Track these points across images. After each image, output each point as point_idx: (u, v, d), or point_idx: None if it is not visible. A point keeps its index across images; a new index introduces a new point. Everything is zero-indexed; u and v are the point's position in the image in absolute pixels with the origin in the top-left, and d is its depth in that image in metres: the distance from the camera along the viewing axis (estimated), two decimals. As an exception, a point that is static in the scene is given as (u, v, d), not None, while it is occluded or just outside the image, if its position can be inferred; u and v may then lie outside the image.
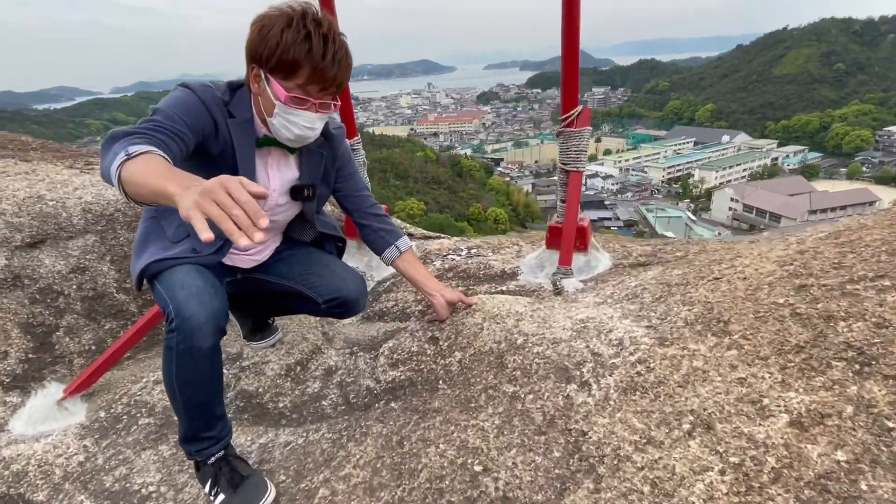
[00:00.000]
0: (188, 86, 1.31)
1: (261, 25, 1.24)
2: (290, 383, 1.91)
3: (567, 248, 2.03)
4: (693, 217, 63.29)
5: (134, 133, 1.10)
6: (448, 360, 1.72)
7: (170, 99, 1.27)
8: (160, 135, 1.14)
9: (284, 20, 1.22)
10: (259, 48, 1.25)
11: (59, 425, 1.84)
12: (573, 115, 2.00)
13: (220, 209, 0.79)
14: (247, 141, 1.39)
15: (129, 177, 0.97)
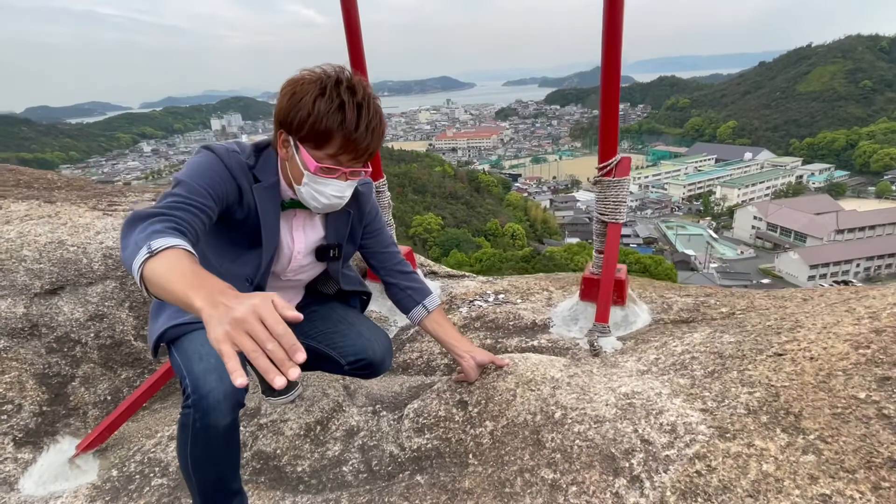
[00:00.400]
0: (213, 150, 1.25)
1: (292, 92, 1.18)
2: (309, 445, 1.81)
3: (604, 305, 1.90)
4: (714, 235, 62.17)
5: (156, 216, 1.04)
6: (479, 431, 1.60)
7: (193, 166, 1.21)
8: (183, 213, 1.08)
9: (317, 88, 1.16)
10: (290, 116, 1.18)
11: (70, 485, 1.76)
12: (612, 164, 1.89)
13: (253, 343, 0.72)
14: (272, 205, 1.33)
15: (151, 276, 0.91)
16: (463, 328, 2.26)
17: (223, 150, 1.25)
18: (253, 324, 0.74)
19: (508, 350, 2.03)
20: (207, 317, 0.78)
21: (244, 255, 1.37)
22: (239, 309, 0.76)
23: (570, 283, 2.62)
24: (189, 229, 1.07)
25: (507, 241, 52.33)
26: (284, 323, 0.75)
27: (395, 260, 1.66)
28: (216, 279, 0.87)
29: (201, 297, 0.81)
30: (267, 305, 0.76)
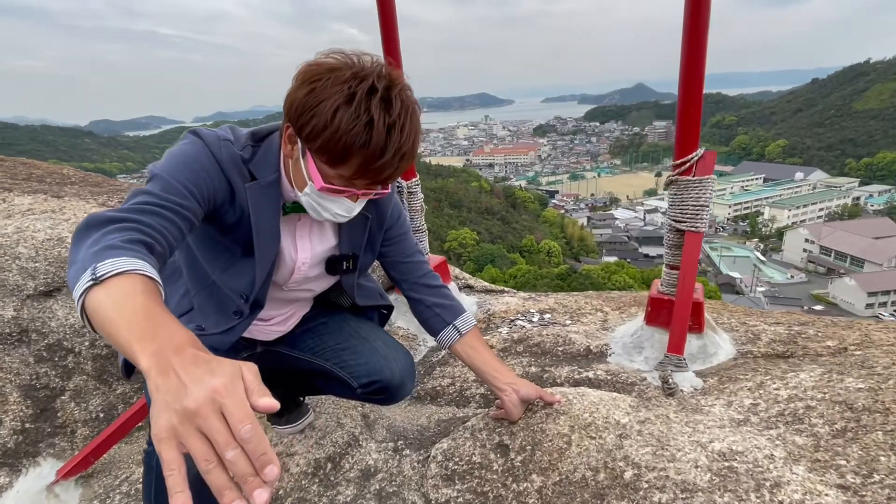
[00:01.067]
0: (200, 136, 1.00)
1: (311, 87, 0.91)
2: (317, 486, 1.52)
3: (680, 332, 1.55)
4: (762, 257, 59.32)
5: (115, 221, 0.79)
6: (523, 486, 1.27)
7: (175, 156, 0.95)
8: (153, 217, 0.84)
9: (343, 94, 0.88)
10: (302, 117, 0.92)
11: (46, 517, 1.53)
12: (692, 159, 1.54)
13: (207, 448, 0.52)
14: (270, 209, 1.06)
15: (93, 312, 0.67)
16: (502, 352, 1.94)
17: (213, 137, 1.00)
18: (210, 420, 0.52)
19: (558, 382, 1.70)
20: (153, 387, 0.56)
21: (237, 264, 1.11)
22: (194, 394, 0.54)
23: (628, 304, 2.26)
24: (158, 239, 0.82)
25: (543, 258, 51.46)
26: (254, 417, 0.53)
27: (420, 272, 1.36)
28: (174, 326, 0.65)
29: (149, 354, 0.59)
30: (233, 391, 0.54)
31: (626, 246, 62.64)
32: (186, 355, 0.59)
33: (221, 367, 0.57)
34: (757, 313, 2.12)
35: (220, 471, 0.51)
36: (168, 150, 0.99)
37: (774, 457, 1.07)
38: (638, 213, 79.86)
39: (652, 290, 1.78)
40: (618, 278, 36.76)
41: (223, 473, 0.51)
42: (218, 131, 1.03)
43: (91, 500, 1.59)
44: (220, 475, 0.51)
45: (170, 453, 0.52)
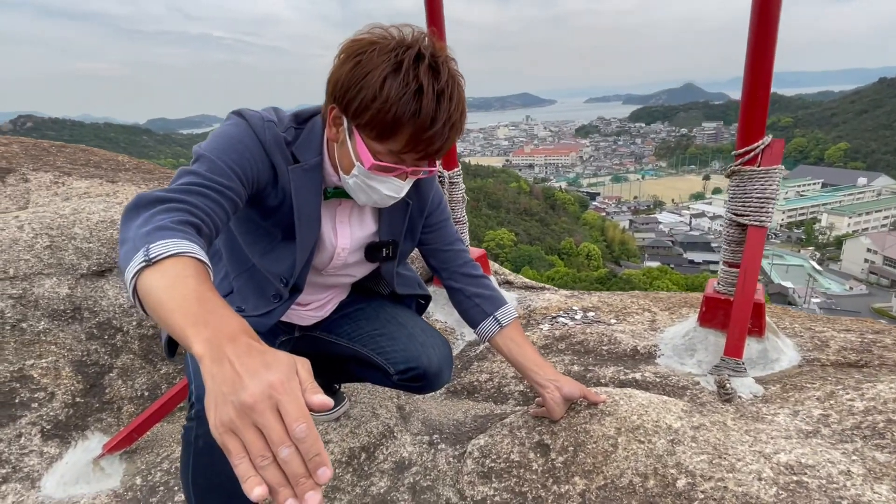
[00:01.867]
0: (244, 116, 0.98)
1: (356, 61, 0.88)
2: (351, 476, 1.50)
3: (739, 335, 1.43)
4: (818, 267, 56.08)
5: (164, 202, 0.79)
6: (564, 489, 1.20)
7: (220, 137, 0.94)
8: (200, 199, 0.83)
9: (391, 63, 0.86)
10: (349, 93, 0.89)
11: (90, 489, 1.57)
12: (758, 147, 1.43)
13: (262, 444, 0.51)
14: (312, 193, 1.05)
15: (146, 295, 0.67)
16: (543, 349, 1.86)
17: (257, 118, 0.98)
18: (266, 416, 0.52)
19: (602, 382, 1.61)
20: (207, 374, 0.56)
21: (277, 248, 1.10)
22: (250, 388, 0.53)
23: (678, 305, 2.13)
24: (206, 221, 0.82)
25: (582, 261, 50.48)
26: (309, 416, 0.53)
27: (460, 260, 1.31)
28: (227, 311, 0.64)
29: (203, 341, 0.59)
30: (290, 388, 0.53)
31: (670, 251, 60.62)
32: (240, 344, 0.58)
33: (277, 361, 0.56)
34: (823, 319, 1.96)
35: (276, 468, 0.51)
36: (213, 131, 0.98)
37: (852, 473, 0.96)
38: (683, 218, 77.17)
39: (707, 289, 1.67)
40: (660, 284, 35.60)
41: (278, 470, 0.51)
42: (262, 112, 1.01)
43: (134, 476, 1.62)
44: (275, 472, 0.51)
45: (233, 443, 0.52)
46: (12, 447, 1.63)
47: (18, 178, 2.05)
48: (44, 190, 2.00)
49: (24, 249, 1.79)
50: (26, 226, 1.83)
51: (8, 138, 2.49)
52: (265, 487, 0.50)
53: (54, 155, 2.45)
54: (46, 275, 1.77)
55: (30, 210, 1.95)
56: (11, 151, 2.31)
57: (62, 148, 2.62)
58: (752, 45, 1.35)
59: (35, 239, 1.82)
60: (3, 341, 1.70)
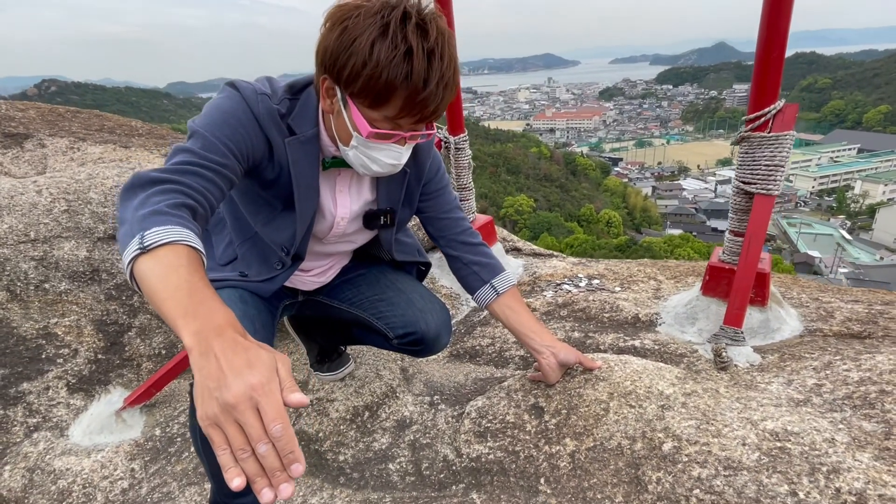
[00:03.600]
0: (238, 88, 0.97)
1: (342, 27, 0.86)
2: (354, 432, 1.57)
3: (740, 304, 1.43)
4: (848, 236, 54.35)
5: (160, 182, 0.80)
6: (555, 449, 1.24)
7: (213, 111, 0.94)
8: (195, 178, 0.84)
9: (377, 26, 0.84)
10: (338, 61, 0.87)
11: (113, 439, 1.69)
12: (769, 112, 1.38)
13: (243, 438, 0.58)
14: (309, 164, 1.05)
15: (142, 281, 0.71)
16: (545, 316, 1.89)
17: (250, 91, 0.97)
18: (246, 414, 0.58)
19: (601, 349, 1.63)
20: (195, 365, 0.62)
21: (278, 218, 1.12)
22: (233, 388, 0.59)
23: (685, 273, 2.12)
24: (200, 201, 0.84)
25: (602, 228, 49.86)
26: (285, 416, 0.59)
27: (458, 228, 1.32)
28: (215, 304, 0.69)
29: (191, 333, 0.64)
30: (269, 390, 0.59)
31: (693, 218, 59.34)
32: (227, 339, 0.63)
33: (259, 361, 0.61)
34: (833, 289, 1.93)
35: (254, 460, 0.57)
36: (207, 104, 0.97)
37: (836, 441, 0.97)
38: (709, 184, 75.09)
39: (712, 258, 1.65)
40: (681, 252, 35.05)
41: (255, 463, 0.57)
42: (255, 84, 0.99)
43: (153, 427, 1.73)
44: (253, 464, 0.57)
45: (217, 435, 0.58)
46: (41, 399, 1.74)
47: (36, 144, 2.11)
48: (60, 155, 2.06)
49: (43, 213, 1.86)
50: (45, 190, 1.90)
51: (25, 104, 2.55)
52: (244, 479, 0.56)
53: (69, 120, 2.51)
54: (65, 238, 1.85)
55: (47, 175, 2.02)
56: (29, 117, 2.37)
57: (77, 113, 2.67)
58: (765, 14, 1.28)
59: (53, 203, 1.88)
60: (28, 300, 1.80)
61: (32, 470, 1.58)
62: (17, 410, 1.71)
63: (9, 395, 1.72)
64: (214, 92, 1.06)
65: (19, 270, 1.78)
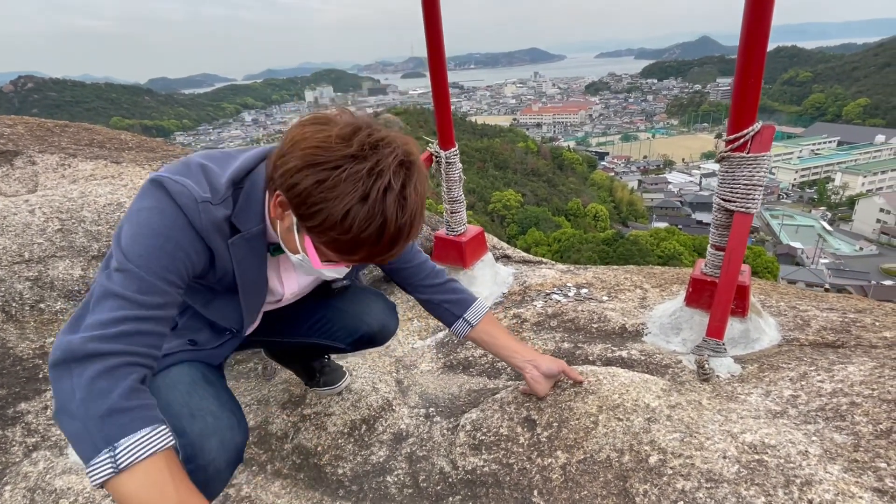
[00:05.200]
0: (173, 196, 0.84)
1: (319, 178, 0.78)
2: (352, 446, 1.61)
3: (721, 317, 1.49)
4: (829, 227, 55.44)
5: (102, 358, 0.75)
6: (547, 462, 1.30)
7: (145, 233, 0.82)
8: (138, 340, 0.78)
9: (358, 193, 0.78)
10: (305, 206, 0.81)
11: (113, 457, 1.70)
12: (747, 134, 1.44)
13: None
14: (255, 260, 1.00)
15: (123, 499, 0.71)
16: (536, 326, 1.94)
17: (189, 201, 0.85)
18: None
19: (590, 359, 1.69)
20: None
21: (219, 300, 1.06)
22: None
23: (669, 281, 2.19)
24: (149, 363, 0.80)
25: (589, 222, 50.25)
26: None
27: (422, 274, 1.33)
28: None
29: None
30: None
31: (679, 211, 60.06)
32: None
33: None
34: (811, 296, 2.01)
35: None
36: (133, 213, 0.84)
37: (809, 453, 1.04)
38: (693, 177, 75.96)
39: (695, 271, 1.72)
40: (667, 245, 35.47)
41: None
42: (192, 187, 0.86)
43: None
44: None
45: None
46: (39, 418, 1.75)
47: (26, 161, 2.11)
48: (51, 172, 2.06)
49: (36, 233, 1.86)
50: (37, 210, 1.90)
51: (13, 119, 2.53)
52: None
53: (58, 135, 2.49)
54: (59, 257, 1.85)
55: (39, 193, 2.02)
56: (17, 133, 2.36)
57: (65, 127, 2.65)
58: (744, 36, 1.34)
59: (46, 223, 1.89)
60: (24, 321, 1.80)
61: (34, 490, 1.60)
62: (15, 430, 1.72)
63: (7, 416, 1.73)
64: (198, 87, 0.97)
65: (14, 291, 1.79)
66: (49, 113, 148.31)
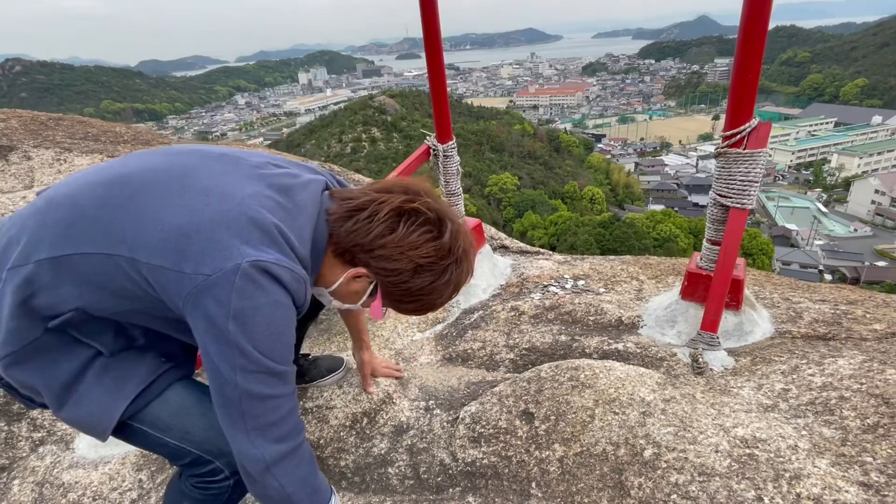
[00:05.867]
0: (285, 286, 0.87)
1: (430, 281, 0.98)
2: (354, 438, 1.64)
3: (715, 311, 1.52)
4: (824, 209, 55.69)
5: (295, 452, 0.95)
6: (545, 454, 1.33)
7: (279, 336, 0.88)
8: (299, 418, 0.98)
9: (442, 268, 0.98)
10: (406, 296, 1.00)
11: (119, 451, 1.73)
12: (744, 130, 1.45)
13: None
14: None
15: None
16: (534, 319, 1.97)
17: (295, 284, 0.89)
18: None
19: (587, 352, 1.72)
20: None
21: None
22: None
23: (665, 272, 2.21)
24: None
25: (586, 205, 50.24)
26: None
27: None
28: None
29: None
30: None
31: (675, 194, 60.10)
32: None
33: None
34: (804, 287, 2.04)
35: None
36: (259, 311, 0.84)
37: (798, 448, 1.07)
38: (690, 160, 75.87)
39: (690, 264, 1.74)
40: (663, 228, 35.57)
41: None
42: (296, 269, 0.89)
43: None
44: None
45: None
46: (45, 414, 1.78)
47: (21, 156, 2.09)
48: (47, 167, 2.04)
49: (34, 230, 1.86)
50: (34, 206, 1.89)
51: (6, 112, 2.49)
52: None
53: (52, 129, 2.46)
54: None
55: (35, 189, 2.00)
56: (11, 127, 2.33)
57: (59, 121, 2.62)
58: (742, 34, 1.34)
59: (44, 219, 1.88)
60: (25, 318, 1.81)
61: (41, 484, 1.63)
62: (21, 426, 1.75)
63: (12, 412, 1.75)
64: (189, 70, 0.95)
65: (14, 288, 1.79)
66: (38, 97, 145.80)
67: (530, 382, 1.52)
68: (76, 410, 0.97)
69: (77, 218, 0.87)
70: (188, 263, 0.81)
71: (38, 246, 0.87)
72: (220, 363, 0.83)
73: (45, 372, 0.94)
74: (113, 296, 0.89)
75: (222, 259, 0.81)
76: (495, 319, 2.02)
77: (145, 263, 0.83)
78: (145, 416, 1.02)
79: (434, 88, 1.98)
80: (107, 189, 0.88)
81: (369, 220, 0.92)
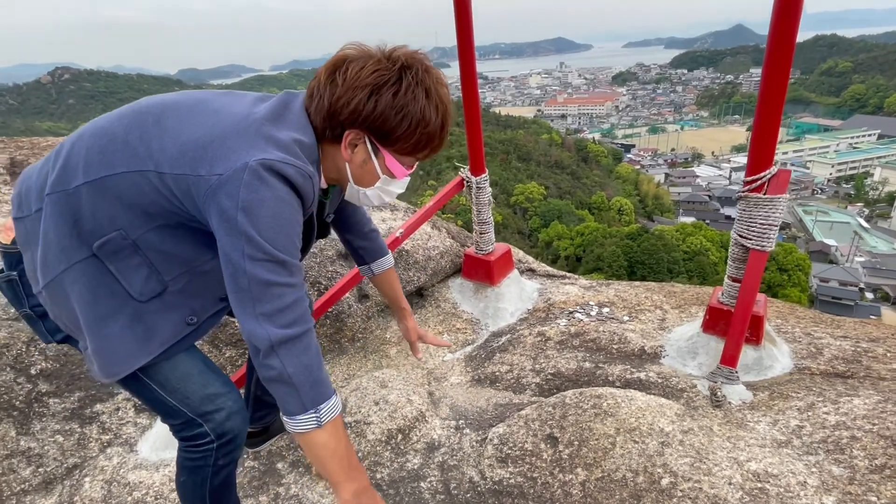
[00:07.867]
0: (292, 182, 0.95)
1: (392, 93, 0.97)
2: (389, 453, 1.77)
3: (734, 346, 1.60)
4: (865, 224, 53.46)
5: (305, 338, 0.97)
6: (568, 478, 1.43)
7: (284, 227, 0.95)
8: (308, 310, 1.01)
9: (421, 91, 0.99)
10: (388, 122, 0.99)
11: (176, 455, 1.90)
12: (764, 177, 1.53)
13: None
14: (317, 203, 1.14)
15: (309, 447, 0.99)
16: (559, 345, 2.07)
17: (302, 179, 0.96)
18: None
19: (610, 380, 1.81)
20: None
21: None
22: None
23: (689, 302, 2.28)
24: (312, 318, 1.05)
25: (613, 216, 49.63)
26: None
27: (356, 218, 1.51)
28: (361, 471, 1.06)
29: (350, 492, 1.01)
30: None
31: (706, 206, 58.73)
32: (369, 496, 1.06)
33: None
34: (827, 321, 2.08)
35: None
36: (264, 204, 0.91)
37: (807, 484, 1.15)
38: (723, 171, 74.01)
39: (712, 299, 1.81)
40: (693, 241, 34.84)
41: None
42: (299, 164, 0.96)
43: (210, 444, 1.94)
44: None
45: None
46: (112, 418, 1.97)
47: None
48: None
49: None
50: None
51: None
52: None
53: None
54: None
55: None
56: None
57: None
58: (764, 82, 1.43)
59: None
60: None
61: (110, 482, 1.81)
62: (91, 428, 1.94)
63: (85, 415, 1.95)
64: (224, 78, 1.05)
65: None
66: (84, 103, 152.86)
67: (555, 408, 1.63)
68: (103, 344, 1.04)
69: (108, 143, 0.98)
70: (204, 167, 0.92)
71: (76, 172, 0.98)
72: (231, 252, 0.92)
73: (86, 297, 1.02)
74: (146, 215, 0.98)
75: (233, 160, 0.92)
76: (522, 344, 2.13)
77: (169, 174, 0.94)
78: (156, 373, 1.11)
79: (469, 125, 2.12)
80: (133, 118, 1.01)
81: (322, 88, 1.01)
